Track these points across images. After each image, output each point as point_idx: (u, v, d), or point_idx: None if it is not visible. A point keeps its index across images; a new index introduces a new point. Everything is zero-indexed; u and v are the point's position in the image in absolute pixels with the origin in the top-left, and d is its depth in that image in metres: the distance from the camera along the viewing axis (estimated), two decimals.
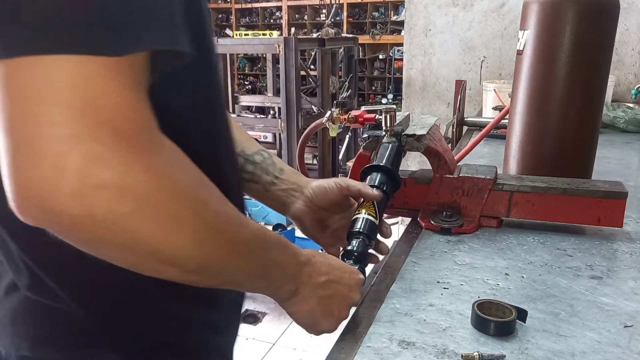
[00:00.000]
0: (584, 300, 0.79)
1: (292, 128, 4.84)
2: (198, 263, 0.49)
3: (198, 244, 0.48)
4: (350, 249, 0.79)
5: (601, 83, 1.17)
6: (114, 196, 0.41)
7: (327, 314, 0.69)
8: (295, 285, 0.64)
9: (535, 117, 1.19)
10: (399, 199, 1.08)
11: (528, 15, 1.16)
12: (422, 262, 0.92)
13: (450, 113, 2.84)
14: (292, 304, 0.66)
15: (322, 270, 0.68)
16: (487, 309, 0.72)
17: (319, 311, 0.68)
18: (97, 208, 0.40)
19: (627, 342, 0.68)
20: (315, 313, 0.68)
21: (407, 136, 1.01)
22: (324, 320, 0.69)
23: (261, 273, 0.60)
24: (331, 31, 5.81)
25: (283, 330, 3.08)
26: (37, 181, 0.39)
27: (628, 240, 1.00)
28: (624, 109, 2.05)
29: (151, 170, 0.43)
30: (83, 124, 0.39)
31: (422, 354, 0.66)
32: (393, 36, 8.85)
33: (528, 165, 1.22)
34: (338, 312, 0.70)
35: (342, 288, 0.70)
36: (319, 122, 1.22)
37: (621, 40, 2.61)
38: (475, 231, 1.03)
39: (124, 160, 0.41)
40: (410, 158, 3.09)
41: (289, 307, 0.66)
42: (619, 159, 1.66)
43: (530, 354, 0.66)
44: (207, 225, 0.48)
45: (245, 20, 10.20)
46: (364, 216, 0.82)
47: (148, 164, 0.43)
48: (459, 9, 2.98)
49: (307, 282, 0.65)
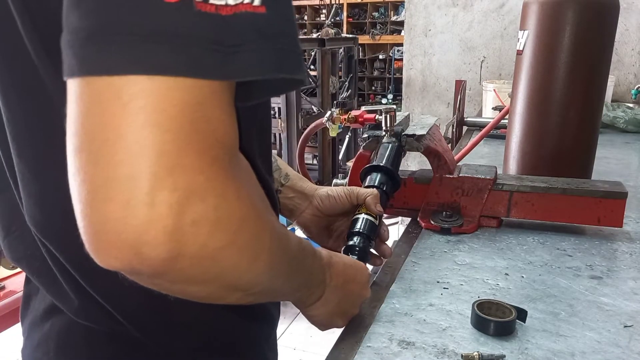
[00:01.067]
0: (583, 300, 0.79)
1: (292, 128, 4.83)
2: (265, 286, 0.47)
3: (270, 268, 0.45)
4: (352, 244, 0.79)
5: (601, 83, 1.17)
6: (209, 230, 0.36)
7: (342, 313, 0.69)
8: (322, 290, 0.63)
9: (535, 117, 1.19)
10: (399, 199, 1.08)
11: (528, 15, 1.16)
12: (422, 262, 0.92)
13: (450, 113, 2.84)
14: (315, 308, 0.64)
15: (340, 270, 0.66)
16: (487, 309, 0.72)
17: (337, 312, 0.67)
18: (190, 246, 0.36)
19: (627, 342, 0.68)
20: (333, 314, 0.67)
21: (407, 136, 1.01)
22: (338, 319, 0.69)
23: (305, 283, 0.58)
24: (331, 31, 5.81)
25: (283, 330, 3.08)
26: (126, 222, 0.34)
27: (628, 240, 1.00)
28: (624, 109, 2.05)
29: (242, 198, 0.39)
30: (187, 154, 0.35)
31: (422, 354, 0.66)
32: (393, 36, 8.86)
33: (528, 165, 1.22)
34: (351, 309, 0.71)
35: (355, 286, 0.69)
36: (319, 122, 1.22)
37: (621, 40, 2.61)
38: (475, 231, 1.03)
39: (220, 192, 0.37)
40: (410, 158, 3.09)
41: (311, 310, 0.65)
42: (619, 159, 1.66)
43: (530, 354, 0.66)
44: (278, 248, 0.46)
45: None
46: (364, 216, 0.82)
47: (239, 192, 0.39)
48: (459, 9, 2.98)
49: (330, 285, 0.64)
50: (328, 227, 0.87)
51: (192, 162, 0.35)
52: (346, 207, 0.84)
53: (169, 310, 0.56)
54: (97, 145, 0.34)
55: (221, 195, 0.37)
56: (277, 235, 0.46)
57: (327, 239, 0.88)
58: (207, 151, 0.36)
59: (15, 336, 2.11)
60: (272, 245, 0.44)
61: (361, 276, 0.71)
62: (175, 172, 0.34)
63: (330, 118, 1.12)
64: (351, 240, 0.80)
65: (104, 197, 0.34)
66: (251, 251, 0.41)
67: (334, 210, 0.85)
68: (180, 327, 0.59)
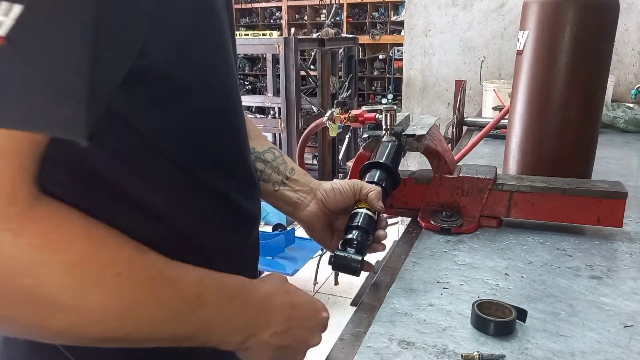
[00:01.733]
0: (583, 300, 0.79)
1: (292, 128, 4.84)
2: (114, 332, 0.48)
3: (111, 313, 0.46)
4: (350, 237, 0.78)
5: (601, 83, 1.17)
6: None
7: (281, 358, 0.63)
8: (243, 337, 0.59)
9: (535, 117, 1.19)
10: (399, 199, 1.08)
11: (528, 15, 1.16)
12: (422, 262, 0.92)
13: (450, 113, 2.84)
14: (243, 353, 0.61)
15: (283, 315, 0.62)
16: (487, 309, 0.72)
17: (274, 357, 0.62)
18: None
19: (627, 342, 0.68)
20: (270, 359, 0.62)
21: (407, 136, 1.01)
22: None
23: (188, 336, 0.54)
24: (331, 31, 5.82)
25: None
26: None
27: (628, 240, 1.00)
28: (624, 109, 2.05)
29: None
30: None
31: (422, 354, 0.66)
32: (393, 36, 8.86)
33: (528, 165, 1.22)
34: (293, 356, 0.65)
35: (301, 333, 0.65)
36: (319, 122, 1.22)
37: (621, 40, 2.61)
38: (475, 231, 1.03)
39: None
40: (410, 158, 3.09)
41: (240, 354, 0.61)
42: (618, 159, 1.66)
43: (530, 354, 0.66)
44: (120, 292, 0.46)
45: (245, 20, 10.21)
46: (363, 211, 0.82)
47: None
48: (459, 9, 2.98)
49: (259, 333, 0.60)
50: (330, 224, 0.86)
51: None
52: (350, 201, 0.83)
53: None
54: None
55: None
56: (128, 277, 0.47)
57: (329, 237, 0.86)
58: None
59: None
60: (103, 289, 0.45)
61: (311, 320, 0.67)
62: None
63: (331, 117, 1.12)
64: (350, 234, 0.79)
65: None
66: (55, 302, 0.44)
67: (338, 204, 0.83)
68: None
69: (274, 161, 0.84)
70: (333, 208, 0.83)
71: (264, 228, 4.37)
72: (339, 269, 0.77)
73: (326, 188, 0.84)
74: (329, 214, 0.84)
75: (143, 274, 0.49)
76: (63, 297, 0.43)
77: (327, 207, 0.83)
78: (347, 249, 0.77)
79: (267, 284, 0.64)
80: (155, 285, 0.50)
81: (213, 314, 0.55)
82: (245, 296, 0.60)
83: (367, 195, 0.82)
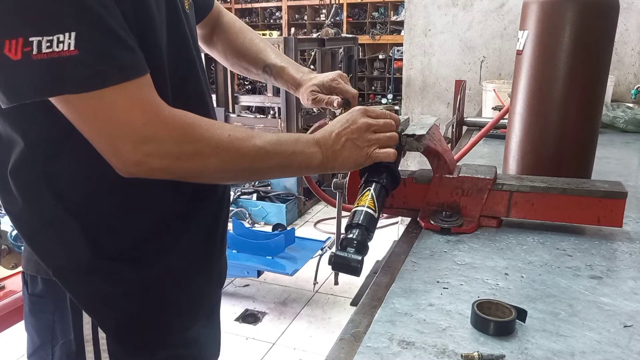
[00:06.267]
0: (583, 300, 0.79)
1: (292, 128, 4.83)
2: (229, 173, 0.83)
3: (222, 165, 0.79)
4: (350, 236, 0.79)
5: (601, 83, 1.17)
6: (157, 155, 0.74)
7: (360, 147, 0.87)
8: (319, 148, 0.85)
9: (535, 117, 1.19)
10: (399, 199, 1.08)
11: (528, 15, 1.16)
12: (422, 262, 0.92)
13: (450, 113, 2.84)
14: (333, 160, 0.86)
15: (327, 129, 0.88)
16: (486, 309, 0.72)
17: (355, 148, 0.87)
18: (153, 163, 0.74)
19: (627, 342, 0.68)
20: (353, 152, 0.87)
21: (407, 136, 1.01)
22: (358, 160, 0.88)
23: (292, 156, 0.84)
24: (331, 31, 5.82)
25: (283, 330, 3.08)
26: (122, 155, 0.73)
27: (628, 240, 1.00)
28: (624, 109, 2.05)
29: (175, 129, 0.75)
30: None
31: (422, 354, 0.66)
32: (393, 36, 8.86)
33: (528, 165, 1.22)
34: (368, 142, 0.88)
35: (349, 132, 0.88)
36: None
37: (621, 40, 2.62)
38: (475, 231, 1.03)
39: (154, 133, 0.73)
40: (410, 158, 3.09)
41: (333, 163, 0.86)
42: (618, 159, 1.66)
43: (530, 353, 0.66)
44: (229, 151, 0.78)
45: (245, 20, 10.19)
46: (364, 209, 0.82)
47: (170, 127, 0.75)
48: (459, 9, 2.98)
49: (326, 139, 0.86)
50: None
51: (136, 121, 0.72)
52: (335, 80, 1.13)
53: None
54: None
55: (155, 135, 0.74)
56: (227, 141, 0.78)
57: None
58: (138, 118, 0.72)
59: (16, 336, 2.11)
60: (219, 150, 0.77)
61: (353, 122, 0.89)
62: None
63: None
64: (350, 233, 0.80)
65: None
66: (197, 158, 0.77)
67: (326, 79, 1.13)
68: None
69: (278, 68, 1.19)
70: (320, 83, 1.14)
71: (264, 228, 4.38)
72: (339, 269, 0.77)
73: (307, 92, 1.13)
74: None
75: (245, 132, 0.81)
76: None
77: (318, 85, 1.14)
78: (347, 249, 0.77)
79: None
80: (254, 136, 0.81)
81: (292, 144, 0.84)
82: (305, 136, 0.88)
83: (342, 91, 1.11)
